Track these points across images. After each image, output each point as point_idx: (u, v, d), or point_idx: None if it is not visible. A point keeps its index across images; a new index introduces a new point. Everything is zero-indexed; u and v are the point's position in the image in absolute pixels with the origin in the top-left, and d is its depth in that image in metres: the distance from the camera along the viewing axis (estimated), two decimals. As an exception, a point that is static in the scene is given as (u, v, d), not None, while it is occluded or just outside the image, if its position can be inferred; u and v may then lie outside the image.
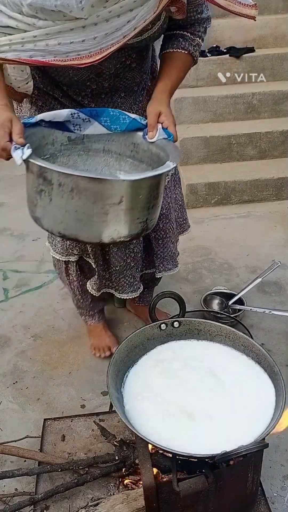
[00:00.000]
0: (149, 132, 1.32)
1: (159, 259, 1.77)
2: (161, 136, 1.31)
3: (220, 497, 1.13)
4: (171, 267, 1.81)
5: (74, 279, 1.78)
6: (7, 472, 1.35)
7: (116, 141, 1.38)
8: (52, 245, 1.71)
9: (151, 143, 1.32)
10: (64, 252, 1.67)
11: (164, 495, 1.09)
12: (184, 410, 1.17)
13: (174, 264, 1.82)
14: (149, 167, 1.35)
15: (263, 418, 1.12)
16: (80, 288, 1.80)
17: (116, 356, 1.25)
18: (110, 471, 1.34)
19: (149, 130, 1.32)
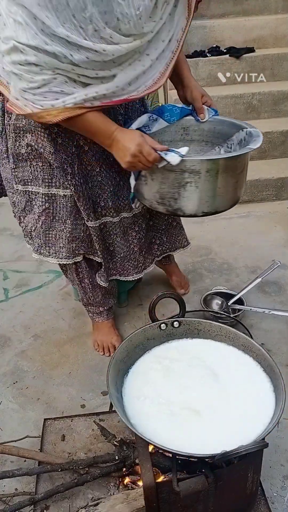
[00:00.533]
0: (200, 114, 1.60)
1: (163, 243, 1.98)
2: (210, 114, 1.61)
3: (220, 497, 1.13)
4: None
5: (84, 276, 1.80)
6: (7, 472, 1.35)
7: (167, 131, 1.62)
8: (51, 254, 1.71)
9: (203, 122, 1.61)
10: (70, 255, 1.71)
11: (164, 495, 1.09)
12: (183, 410, 1.17)
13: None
14: (205, 142, 1.66)
15: (263, 418, 1.12)
16: (90, 284, 1.83)
17: (116, 356, 1.25)
18: (110, 471, 1.34)
19: (200, 112, 1.60)
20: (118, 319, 2.08)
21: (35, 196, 1.62)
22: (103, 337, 1.95)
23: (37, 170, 1.56)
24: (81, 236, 1.68)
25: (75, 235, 1.67)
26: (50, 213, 1.63)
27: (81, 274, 1.80)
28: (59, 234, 1.67)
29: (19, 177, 1.61)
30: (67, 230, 1.65)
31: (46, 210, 1.62)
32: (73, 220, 1.64)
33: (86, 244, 1.71)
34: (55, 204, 1.62)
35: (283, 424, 1.56)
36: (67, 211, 1.62)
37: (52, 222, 1.65)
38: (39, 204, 1.62)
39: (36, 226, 1.68)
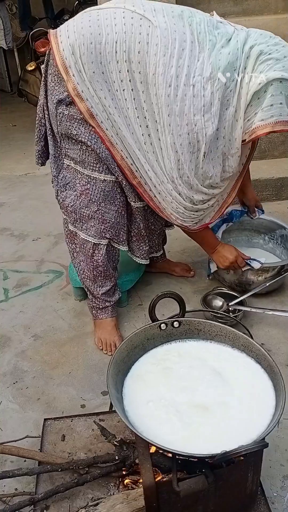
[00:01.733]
0: (252, 213, 2.30)
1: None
2: (260, 213, 2.30)
3: (220, 497, 1.13)
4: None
5: (100, 263, 1.88)
6: (7, 472, 1.35)
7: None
8: (83, 229, 1.85)
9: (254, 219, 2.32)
10: (97, 235, 1.84)
11: (164, 495, 1.09)
12: (183, 410, 1.17)
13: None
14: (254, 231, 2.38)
15: (263, 418, 1.12)
16: (103, 273, 1.91)
17: (116, 356, 1.25)
18: (110, 471, 1.33)
19: (252, 212, 2.29)
20: (118, 319, 2.08)
21: (81, 175, 1.76)
22: (106, 335, 1.96)
23: (85, 154, 1.70)
24: (111, 222, 1.82)
25: (105, 218, 1.81)
26: (89, 194, 1.77)
27: (96, 260, 1.88)
28: (91, 214, 1.80)
29: (71, 156, 1.74)
30: (99, 212, 1.79)
31: (86, 190, 1.76)
32: (107, 204, 1.79)
33: (115, 231, 1.86)
34: (94, 186, 1.75)
35: (283, 424, 1.56)
36: (103, 194, 1.76)
37: (89, 202, 1.78)
38: (83, 183, 1.76)
39: (75, 202, 1.81)
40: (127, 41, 1.48)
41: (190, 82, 1.49)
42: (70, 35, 1.54)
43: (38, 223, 2.97)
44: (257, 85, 1.48)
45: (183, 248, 2.58)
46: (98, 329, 1.99)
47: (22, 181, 3.58)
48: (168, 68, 1.48)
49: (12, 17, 5.31)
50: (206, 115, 1.51)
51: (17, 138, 4.40)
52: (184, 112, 1.51)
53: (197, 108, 1.50)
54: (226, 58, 1.48)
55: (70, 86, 1.56)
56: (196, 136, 1.54)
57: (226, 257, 1.98)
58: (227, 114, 1.55)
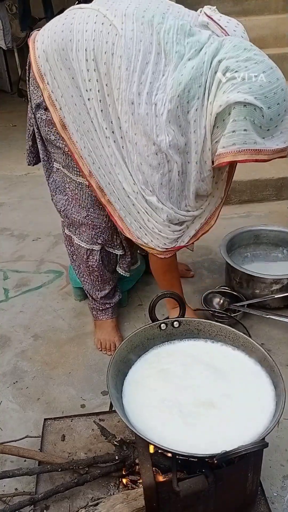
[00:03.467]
0: None
1: None
2: None
3: (220, 497, 1.13)
4: None
5: (95, 268, 1.87)
6: (7, 472, 1.35)
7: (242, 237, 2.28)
8: (76, 234, 1.83)
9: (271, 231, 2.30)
10: (89, 241, 1.81)
11: (164, 495, 1.09)
12: (183, 410, 1.17)
13: None
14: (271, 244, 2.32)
15: (263, 418, 1.12)
16: (100, 277, 1.89)
17: (116, 356, 1.25)
18: (110, 471, 1.34)
19: None
20: (118, 319, 2.08)
21: (70, 180, 1.73)
22: (106, 336, 1.95)
23: (68, 159, 1.67)
24: (102, 227, 1.78)
25: (95, 224, 1.78)
26: (78, 199, 1.75)
27: (91, 266, 1.86)
28: (81, 220, 1.78)
29: (57, 160, 1.73)
30: (89, 217, 1.76)
31: (75, 195, 1.74)
32: (96, 209, 1.75)
33: (107, 236, 1.81)
34: (81, 192, 1.73)
35: (283, 424, 1.56)
36: (91, 200, 1.73)
37: (78, 208, 1.76)
38: (72, 188, 1.74)
39: (66, 207, 1.79)
40: (95, 49, 1.40)
41: (151, 100, 1.36)
42: (44, 40, 1.50)
43: (38, 223, 2.97)
44: (218, 107, 1.32)
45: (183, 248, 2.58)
46: (98, 330, 1.99)
47: (22, 181, 3.58)
48: (130, 85, 1.37)
49: (12, 17, 5.30)
50: (169, 134, 1.37)
51: (17, 138, 4.40)
52: (147, 133, 1.39)
53: (160, 128, 1.37)
54: (188, 73, 1.33)
55: (46, 94, 1.54)
56: (166, 156, 1.41)
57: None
58: (193, 135, 1.41)
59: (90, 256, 1.84)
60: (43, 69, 1.52)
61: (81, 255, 1.85)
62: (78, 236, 1.82)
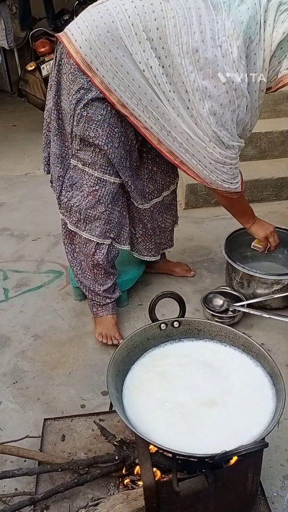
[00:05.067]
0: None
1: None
2: None
3: (220, 497, 1.13)
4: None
5: (100, 262, 1.91)
6: (7, 472, 1.35)
7: None
8: (86, 229, 1.87)
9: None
10: (102, 235, 1.87)
11: (164, 495, 1.09)
12: (183, 410, 1.17)
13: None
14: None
15: (263, 418, 1.12)
16: (104, 270, 1.94)
17: (116, 356, 1.25)
18: (110, 471, 1.34)
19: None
20: (118, 319, 2.08)
21: (89, 176, 1.77)
22: (106, 331, 1.97)
23: (97, 157, 1.72)
24: (115, 222, 1.87)
25: (111, 219, 1.85)
26: (97, 195, 1.79)
27: (96, 259, 1.90)
28: (98, 215, 1.83)
29: (80, 157, 1.75)
30: (106, 213, 1.83)
31: (94, 191, 1.78)
32: (114, 205, 1.83)
33: (117, 230, 1.90)
34: (104, 188, 1.78)
35: (283, 424, 1.56)
36: (112, 196, 1.80)
37: (96, 203, 1.80)
38: (90, 184, 1.78)
39: (81, 203, 1.82)
40: (142, 21, 1.49)
41: (216, 43, 1.49)
42: (84, 31, 1.54)
43: (38, 223, 2.97)
44: (282, 34, 1.48)
45: (183, 248, 2.58)
46: (99, 326, 2.00)
47: (22, 181, 3.58)
48: (191, 35, 1.48)
49: (12, 17, 5.30)
50: (240, 70, 1.51)
51: (17, 138, 4.40)
52: (216, 74, 1.51)
53: (229, 66, 1.50)
54: (246, 13, 1.48)
55: (97, 81, 1.57)
56: (235, 92, 1.53)
57: (267, 227, 2.02)
58: (255, 68, 1.55)
59: (97, 250, 1.88)
60: (89, 57, 1.54)
61: (88, 250, 1.89)
62: (89, 231, 1.86)
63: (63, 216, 1.92)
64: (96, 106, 1.62)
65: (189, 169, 1.73)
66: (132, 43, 1.50)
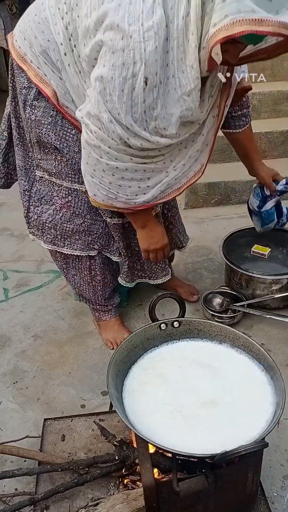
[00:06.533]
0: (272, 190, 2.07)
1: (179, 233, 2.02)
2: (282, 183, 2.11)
3: (220, 497, 1.13)
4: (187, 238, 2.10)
5: (97, 273, 1.81)
6: (7, 472, 1.35)
7: None
8: (66, 245, 1.73)
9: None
10: (85, 248, 1.73)
11: (164, 495, 1.09)
12: (183, 410, 1.17)
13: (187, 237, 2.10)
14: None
15: (263, 418, 1.12)
16: (102, 282, 1.84)
17: (116, 356, 1.25)
18: (110, 471, 1.34)
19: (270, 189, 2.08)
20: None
21: (58, 187, 1.63)
22: (114, 334, 1.95)
23: (61, 165, 1.58)
24: (99, 232, 1.72)
25: (92, 230, 1.70)
26: (71, 207, 1.65)
27: (93, 271, 1.81)
28: (76, 228, 1.69)
29: (44, 167, 1.62)
30: (85, 224, 1.69)
31: (68, 203, 1.64)
32: (93, 215, 1.68)
33: (104, 241, 1.75)
34: (76, 199, 1.64)
35: (283, 424, 1.56)
36: (88, 206, 1.64)
37: (72, 216, 1.67)
38: (62, 196, 1.64)
39: (54, 217, 1.68)
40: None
41: None
42: (20, 23, 1.46)
43: (38, 223, 2.97)
44: None
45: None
46: (104, 331, 1.99)
47: (22, 181, 3.58)
48: None
49: (12, 17, 5.30)
50: (146, 23, 1.12)
51: (17, 138, 4.40)
52: (116, 23, 1.14)
53: (133, 17, 1.13)
54: None
55: (31, 73, 1.43)
56: (133, 54, 1.14)
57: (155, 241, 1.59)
58: (173, 29, 1.14)
59: (92, 261, 1.79)
60: (23, 48, 1.43)
61: (83, 263, 1.79)
62: (69, 246, 1.73)
63: (33, 236, 1.77)
64: (44, 107, 1.48)
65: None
66: (56, 22, 1.34)
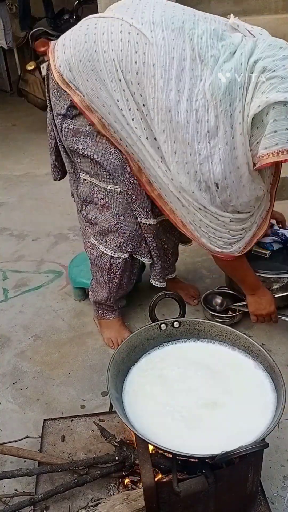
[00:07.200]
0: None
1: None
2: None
3: (220, 497, 1.13)
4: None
5: (117, 276, 1.83)
6: (7, 473, 1.35)
7: None
8: (103, 242, 1.78)
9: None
10: (117, 249, 1.77)
11: (164, 495, 1.09)
12: (183, 410, 1.17)
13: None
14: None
15: (263, 418, 1.12)
16: (118, 284, 1.87)
17: (116, 356, 1.25)
18: (110, 471, 1.33)
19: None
20: (120, 318, 2.08)
21: (98, 188, 1.69)
22: (116, 334, 1.96)
23: (96, 167, 1.63)
24: (132, 235, 1.75)
25: (125, 232, 1.74)
26: (109, 207, 1.70)
27: (113, 273, 1.82)
28: (111, 228, 1.74)
29: (84, 169, 1.68)
30: (119, 225, 1.73)
31: (106, 203, 1.70)
32: (127, 217, 1.72)
33: (135, 243, 1.78)
34: (112, 199, 1.69)
35: (283, 424, 1.56)
36: (122, 207, 1.69)
37: (109, 216, 1.72)
38: (101, 196, 1.70)
39: (97, 215, 1.75)
40: (123, 60, 1.37)
41: (192, 107, 1.34)
42: (66, 51, 1.47)
43: (38, 223, 2.97)
44: (257, 107, 1.28)
45: (183, 248, 2.57)
46: (106, 329, 1.99)
47: (22, 181, 3.58)
48: (167, 93, 1.34)
49: (12, 16, 5.30)
50: (212, 141, 1.35)
51: (17, 138, 4.40)
52: (186, 141, 1.37)
53: (201, 135, 1.35)
54: (227, 76, 1.30)
55: (77, 99, 1.50)
56: (200, 167, 1.39)
57: (262, 307, 1.82)
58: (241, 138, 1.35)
59: (113, 264, 1.80)
60: (67, 77, 1.49)
61: (103, 263, 1.81)
62: (105, 245, 1.78)
63: (89, 229, 1.84)
64: (83, 118, 1.54)
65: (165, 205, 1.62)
66: (112, 79, 1.41)
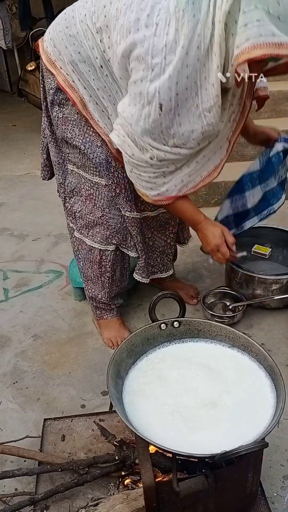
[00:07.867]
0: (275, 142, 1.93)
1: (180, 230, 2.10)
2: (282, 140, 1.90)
3: (220, 497, 1.13)
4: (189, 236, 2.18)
5: (108, 269, 1.84)
6: (7, 472, 1.35)
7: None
8: (89, 236, 1.80)
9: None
10: (103, 241, 1.78)
11: (164, 495, 1.09)
12: (183, 410, 1.17)
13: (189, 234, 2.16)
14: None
15: (263, 418, 1.12)
16: (110, 279, 1.87)
17: (116, 356, 1.25)
18: (110, 471, 1.33)
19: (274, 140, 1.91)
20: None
21: (85, 180, 1.70)
22: (115, 333, 1.96)
23: (84, 158, 1.65)
24: (117, 227, 1.76)
25: (110, 224, 1.75)
26: (93, 199, 1.72)
27: (104, 267, 1.83)
28: (96, 220, 1.75)
29: (72, 160, 1.70)
30: (104, 218, 1.74)
31: (90, 195, 1.71)
32: (111, 209, 1.73)
33: (121, 236, 1.79)
34: (97, 192, 1.70)
35: (283, 424, 1.56)
36: (107, 200, 1.71)
37: (93, 208, 1.73)
38: (86, 188, 1.71)
39: (82, 208, 1.76)
40: (96, 12, 1.36)
41: (153, 21, 1.21)
42: (50, 31, 1.54)
43: (38, 223, 2.97)
44: (225, 3, 1.11)
45: (183, 248, 2.58)
46: (105, 329, 1.99)
47: (22, 181, 3.58)
48: (128, 15, 1.25)
49: (12, 17, 5.31)
50: (169, 56, 1.21)
51: (17, 138, 4.40)
52: (141, 56, 1.23)
53: (157, 49, 1.21)
54: None
55: (60, 78, 1.51)
56: (149, 84, 1.25)
57: (208, 241, 1.63)
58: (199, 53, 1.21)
59: (103, 257, 1.81)
60: (53, 55, 1.51)
61: (94, 257, 1.81)
62: (91, 238, 1.79)
63: (72, 224, 1.86)
64: (71, 105, 1.55)
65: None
66: (88, 37, 1.41)
